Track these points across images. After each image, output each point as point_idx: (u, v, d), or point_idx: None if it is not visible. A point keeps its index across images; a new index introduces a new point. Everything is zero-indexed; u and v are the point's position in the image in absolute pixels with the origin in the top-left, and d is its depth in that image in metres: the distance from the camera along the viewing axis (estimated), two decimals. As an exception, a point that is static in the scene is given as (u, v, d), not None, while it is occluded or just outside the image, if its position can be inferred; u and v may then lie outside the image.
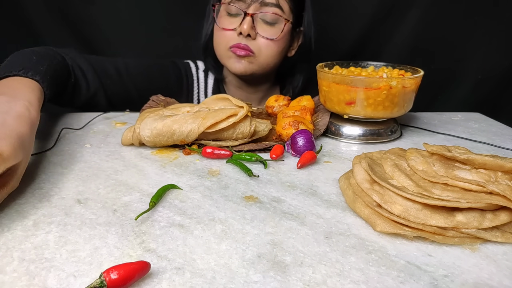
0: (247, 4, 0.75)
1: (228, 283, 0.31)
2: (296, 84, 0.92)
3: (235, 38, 0.77)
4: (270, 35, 0.77)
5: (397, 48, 1.15)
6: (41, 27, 1.09)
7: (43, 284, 0.30)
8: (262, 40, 0.77)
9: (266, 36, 0.76)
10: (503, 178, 0.39)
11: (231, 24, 0.77)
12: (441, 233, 0.36)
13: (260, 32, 0.76)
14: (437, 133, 0.70)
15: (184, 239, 0.36)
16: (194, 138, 0.57)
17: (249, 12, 0.74)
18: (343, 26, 1.14)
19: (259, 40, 0.77)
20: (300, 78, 0.91)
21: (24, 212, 0.40)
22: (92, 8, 1.08)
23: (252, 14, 0.74)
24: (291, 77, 0.93)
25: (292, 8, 0.78)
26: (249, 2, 0.74)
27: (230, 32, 0.77)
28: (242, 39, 0.76)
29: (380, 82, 0.59)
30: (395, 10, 1.10)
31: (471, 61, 1.16)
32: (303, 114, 0.65)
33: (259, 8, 0.75)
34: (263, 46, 0.77)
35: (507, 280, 0.32)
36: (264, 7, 0.75)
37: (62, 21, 1.09)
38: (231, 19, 0.77)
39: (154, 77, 0.86)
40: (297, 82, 0.91)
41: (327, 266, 0.33)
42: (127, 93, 0.81)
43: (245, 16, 0.75)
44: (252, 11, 0.75)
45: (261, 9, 0.75)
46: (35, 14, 1.07)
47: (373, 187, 0.41)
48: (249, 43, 0.77)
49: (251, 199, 0.44)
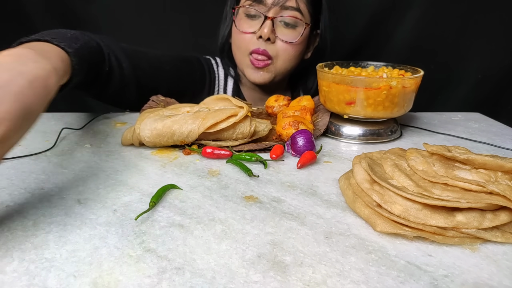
0: (268, 7, 0.74)
1: (228, 283, 0.31)
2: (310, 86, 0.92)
3: (255, 42, 0.76)
4: (289, 39, 0.76)
5: (397, 48, 1.15)
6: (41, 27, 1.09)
7: (43, 284, 0.30)
8: (280, 43, 0.77)
9: (286, 39, 0.76)
10: (503, 178, 0.39)
11: (250, 27, 0.77)
12: (441, 233, 0.36)
13: (279, 36, 0.76)
14: (437, 133, 0.70)
15: (184, 239, 0.36)
16: (194, 138, 0.57)
17: (269, 16, 0.74)
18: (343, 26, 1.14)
19: (277, 44, 0.77)
20: (314, 80, 0.91)
21: (24, 212, 0.40)
22: (92, 7, 1.08)
23: (273, 17, 0.74)
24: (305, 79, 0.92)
25: (310, 11, 0.78)
26: (270, 5, 0.74)
27: (250, 35, 0.77)
28: (261, 43, 0.76)
29: (380, 82, 0.59)
30: (395, 10, 1.10)
31: (471, 61, 1.16)
32: (303, 114, 0.65)
33: (279, 11, 0.74)
34: (281, 49, 0.77)
35: (507, 280, 0.32)
36: (284, 11, 0.74)
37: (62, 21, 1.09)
38: (250, 22, 0.77)
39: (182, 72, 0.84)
40: (312, 84, 0.91)
41: (327, 266, 0.33)
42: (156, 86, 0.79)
43: (265, 20, 0.74)
44: (273, 15, 0.74)
45: (281, 12, 0.75)
46: (35, 14, 1.07)
47: (373, 187, 0.41)
48: (268, 47, 0.76)
49: (251, 199, 0.44)
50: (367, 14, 1.12)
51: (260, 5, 0.75)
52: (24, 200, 0.43)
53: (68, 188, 0.46)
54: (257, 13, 0.75)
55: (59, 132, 0.64)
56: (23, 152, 0.57)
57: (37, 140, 0.62)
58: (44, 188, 0.46)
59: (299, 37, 0.77)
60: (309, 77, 0.92)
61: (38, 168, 0.51)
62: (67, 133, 0.66)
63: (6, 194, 0.44)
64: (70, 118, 0.74)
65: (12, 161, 0.53)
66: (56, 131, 0.66)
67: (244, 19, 0.78)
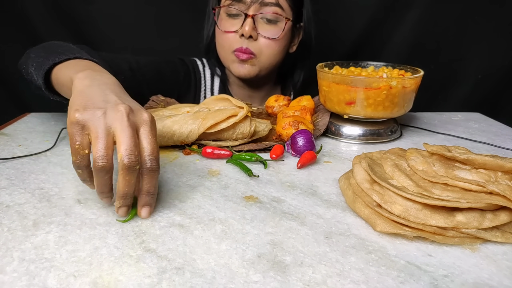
0: (247, 5, 0.75)
1: (228, 283, 0.31)
2: (297, 79, 0.92)
3: (238, 40, 0.77)
4: (271, 35, 0.77)
5: (397, 48, 1.15)
6: (41, 27, 1.09)
7: (43, 284, 0.30)
8: (263, 40, 0.77)
9: (268, 35, 0.77)
10: (503, 178, 0.39)
11: (232, 26, 0.77)
12: (441, 233, 0.36)
13: (261, 32, 0.77)
14: (437, 133, 0.70)
15: (184, 239, 0.36)
16: (194, 138, 0.57)
17: (249, 14, 0.75)
18: (343, 26, 1.14)
19: (260, 41, 0.77)
20: (301, 73, 0.91)
21: (24, 212, 0.40)
22: (91, 8, 1.08)
23: (253, 15, 0.75)
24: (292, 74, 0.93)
25: (291, 5, 0.79)
26: (249, 3, 0.74)
27: (232, 34, 0.78)
28: (244, 41, 0.77)
29: (380, 82, 0.59)
30: (395, 10, 1.10)
31: (471, 61, 1.16)
32: (303, 114, 0.65)
33: (259, 8, 0.75)
34: (264, 46, 0.78)
35: (507, 280, 0.32)
36: (264, 7, 0.75)
37: (61, 21, 1.09)
38: (232, 21, 0.78)
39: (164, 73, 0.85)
40: (298, 77, 0.92)
41: (327, 266, 0.33)
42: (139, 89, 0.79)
43: (246, 18, 0.75)
44: (253, 12, 0.75)
45: (261, 9, 0.75)
46: (34, 14, 1.07)
47: (373, 187, 0.41)
48: (251, 44, 0.77)
49: (251, 199, 0.44)
50: (367, 14, 1.12)
51: (239, 3, 0.75)
52: (24, 200, 0.43)
53: (68, 188, 0.46)
54: (238, 11, 0.76)
55: (59, 132, 0.64)
56: (23, 152, 0.57)
57: (37, 140, 0.62)
58: (44, 188, 0.46)
59: (281, 32, 0.77)
60: (295, 71, 0.93)
61: (38, 168, 0.51)
62: (67, 133, 0.66)
63: (6, 194, 0.44)
64: (70, 118, 0.74)
65: (12, 161, 0.53)
66: (56, 131, 0.65)
67: (226, 19, 0.78)
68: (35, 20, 1.08)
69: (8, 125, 0.70)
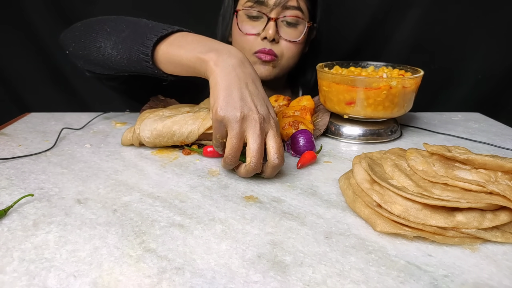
0: (270, 8, 0.74)
1: (228, 283, 0.31)
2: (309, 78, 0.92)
3: (259, 42, 0.77)
4: (292, 38, 0.77)
5: (397, 48, 1.15)
6: (41, 27, 1.09)
7: (43, 284, 0.30)
8: (284, 43, 0.78)
9: (289, 38, 0.77)
10: (503, 178, 0.39)
11: (253, 29, 0.77)
12: (441, 233, 0.36)
13: (283, 35, 0.77)
14: (437, 133, 0.70)
15: (184, 239, 0.36)
16: (195, 139, 0.57)
17: (272, 17, 0.74)
18: (343, 26, 1.13)
19: (281, 43, 0.78)
20: (313, 72, 0.91)
21: (24, 212, 0.40)
22: (92, 8, 1.08)
23: (276, 18, 0.75)
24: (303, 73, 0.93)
25: (309, 7, 0.80)
26: (272, 6, 0.74)
27: (253, 36, 0.77)
28: (266, 44, 0.76)
29: (380, 82, 0.59)
30: (395, 9, 1.10)
31: (471, 61, 1.16)
32: (303, 114, 0.65)
33: (281, 11, 0.75)
34: (285, 48, 0.78)
35: (507, 280, 0.32)
36: (286, 11, 0.75)
37: (61, 21, 1.09)
38: (253, 23, 0.77)
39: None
40: (310, 76, 0.92)
41: (327, 266, 0.33)
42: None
43: (268, 21, 0.75)
44: (275, 15, 0.75)
45: (283, 12, 0.75)
46: (34, 14, 1.07)
47: (373, 187, 0.41)
48: (273, 47, 0.77)
49: (251, 199, 0.44)
50: (367, 14, 1.12)
51: (262, 6, 0.75)
52: (24, 200, 0.43)
53: (68, 188, 0.46)
54: (260, 14, 0.76)
55: (59, 132, 0.64)
56: (23, 152, 0.57)
57: (37, 140, 0.62)
58: (44, 188, 0.46)
59: (302, 35, 0.78)
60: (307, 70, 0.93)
61: (38, 168, 0.51)
62: (67, 133, 0.66)
63: (6, 194, 0.44)
64: (70, 118, 0.74)
65: (12, 161, 0.53)
66: (56, 131, 0.66)
67: (246, 21, 0.78)
68: (35, 20, 1.08)
69: (8, 125, 0.70)
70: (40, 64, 1.14)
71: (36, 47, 1.12)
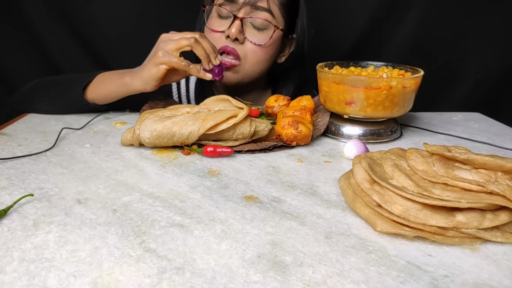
0: (238, 6, 0.73)
1: (228, 283, 0.31)
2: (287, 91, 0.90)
3: (223, 40, 0.75)
4: (258, 41, 0.75)
5: (397, 48, 1.15)
6: (41, 27, 1.09)
7: (43, 284, 0.30)
8: (249, 45, 0.76)
9: (254, 41, 0.75)
10: (503, 178, 0.39)
11: (220, 26, 0.76)
12: (441, 233, 0.36)
13: (248, 37, 0.75)
14: (437, 133, 0.70)
15: (184, 239, 0.36)
16: (195, 140, 0.57)
17: (239, 16, 0.73)
18: (343, 26, 1.13)
19: (246, 45, 0.76)
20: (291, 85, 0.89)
21: (24, 212, 0.40)
22: (91, 7, 1.08)
23: (242, 18, 0.73)
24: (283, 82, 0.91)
25: (284, 14, 0.77)
26: (240, 4, 0.73)
27: (219, 34, 0.76)
28: (230, 43, 0.75)
29: (380, 82, 0.59)
30: (395, 10, 1.10)
31: (471, 61, 1.16)
32: (303, 114, 0.65)
33: (249, 12, 0.74)
34: (250, 51, 0.76)
35: (507, 280, 0.32)
36: (255, 11, 0.74)
37: (61, 21, 1.09)
38: (221, 21, 0.76)
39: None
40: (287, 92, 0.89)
41: (327, 266, 0.33)
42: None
43: (234, 19, 0.73)
44: (242, 15, 0.73)
45: (252, 13, 0.74)
46: (34, 14, 1.07)
47: (373, 187, 0.41)
48: (237, 47, 0.75)
49: (251, 199, 0.44)
50: (367, 14, 1.12)
51: (231, 4, 0.74)
52: (24, 200, 0.43)
53: (68, 188, 0.46)
54: (228, 13, 0.74)
55: (59, 132, 0.64)
56: (23, 152, 0.57)
57: (37, 140, 0.62)
58: (44, 188, 0.46)
59: (268, 40, 0.75)
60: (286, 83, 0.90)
61: (38, 168, 0.51)
62: (67, 133, 0.66)
63: (6, 194, 0.44)
64: (70, 118, 0.74)
65: (12, 161, 0.53)
66: (56, 131, 0.65)
67: (215, 18, 0.77)
68: (35, 20, 1.08)
69: (8, 125, 0.70)
70: (40, 64, 1.14)
71: (36, 47, 1.12)
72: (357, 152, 0.56)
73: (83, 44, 1.12)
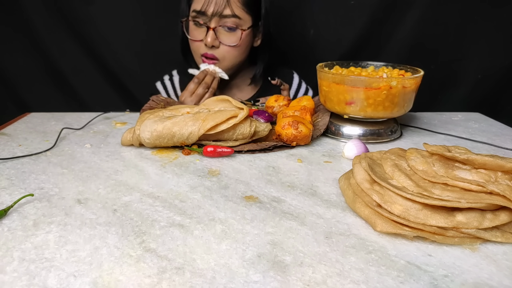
0: (209, 18, 0.83)
1: (228, 283, 0.31)
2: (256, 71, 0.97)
3: (204, 47, 0.86)
4: (231, 42, 0.86)
5: (397, 48, 1.14)
6: (41, 27, 1.09)
7: (43, 284, 0.30)
8: (225, 47, 0.86)
9: (228, 43, 0.86)
10: (503, 178, 0.39)
11: (199, 35, 0.86)
12: (441, 233, 0.36)
13: (222, 41, 0.85)
14: (437, 133, 0.70)
15: (184, 239, 0.36)
16: (195, 140, 0.57)
17: (211, 26, 0.83)
18: (343, 26, 1.13)
19: (222, 48, 0.86)
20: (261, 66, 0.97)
21: (24, 212, 0.40)
22: (91, 8, 1.08)
23: (214, 27, 0.83)
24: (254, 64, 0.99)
25: (248, 12, 0.86)
26: (210, 16, 0.82)
27: (199, 42, 0.87)
28: (208, 49, 0.86)
29: (380, 82, 0.59)
30: (395, 9, 1.10)
31: (471, 61, 1.16)
32: (303, 114, 0.65)
33: (219, 21, 0.83)
34: (226, 52, 0.87)
35: (507, 280, 0.32)
36: (223, 19, 0.83)
37: (61, 21, 1.09)
38: (199, 30, 0.86)
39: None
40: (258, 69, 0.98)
41: (327, 266, 0.33)
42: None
43: (208, 30, 0.84)
44: (214, 25, 0.83)
45: (221, 21, 0.84)
46: (34, 14, 1.07)
47: (373, 187, 0.41)
48: (215, 52, 0.87)
49: (251, 199, 0.44)
50: (367, 14, 1.12)
51: (203, 16, 0.84)
52: (24, 200, 0.43)
53: (68, 188, 0.46)
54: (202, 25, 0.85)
55: (59, 132, 0.64)
56: (23, 152, 0.57)
57: (37, 140, 0.62)
58: (44, 188, 0.46)
59: (239, 40, 0.86)
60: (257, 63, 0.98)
61: (38, 168, 0.51)
62: (67, 133, 0.66)
63: (6, 194, 0.44)
64: (70, 118, 0.74)
65: (12, 161, 0.54)
66: (56, 131, 0.66)
67: (193, 27, 0.87)
68: (35, 20, 1.08)
69: (8, 125, 0.70)
70: (40, 64, 1.14)
71: (36, 47, 1.12)
72: (357, 152, 0.56)
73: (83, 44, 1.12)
